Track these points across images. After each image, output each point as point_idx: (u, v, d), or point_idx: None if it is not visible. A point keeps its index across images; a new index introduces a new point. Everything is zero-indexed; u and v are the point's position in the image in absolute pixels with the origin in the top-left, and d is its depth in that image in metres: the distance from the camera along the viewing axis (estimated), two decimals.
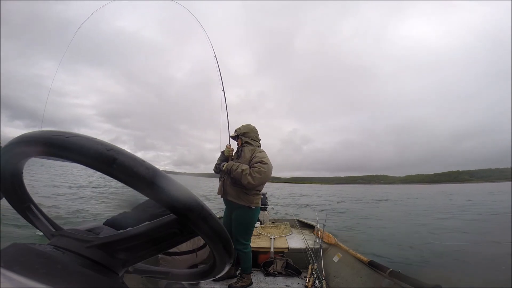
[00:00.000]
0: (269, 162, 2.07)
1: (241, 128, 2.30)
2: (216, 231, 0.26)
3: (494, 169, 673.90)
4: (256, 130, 2.34)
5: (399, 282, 1.57)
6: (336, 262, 2.40)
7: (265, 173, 2.01)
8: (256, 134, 2.31)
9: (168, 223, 0.26)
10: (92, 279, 0.26)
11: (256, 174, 1.99)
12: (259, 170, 2.00)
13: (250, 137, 2.25)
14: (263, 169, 2.00)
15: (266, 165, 2.03)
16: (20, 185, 0.30)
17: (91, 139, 0.26)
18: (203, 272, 0.37)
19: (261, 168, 2.01)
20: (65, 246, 0.26)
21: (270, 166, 2.05)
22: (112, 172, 0.26)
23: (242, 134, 2.26)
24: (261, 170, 2.00)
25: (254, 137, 2.28)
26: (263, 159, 2.05)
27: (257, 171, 2.00)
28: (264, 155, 2.11)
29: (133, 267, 0.35)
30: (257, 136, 2.32)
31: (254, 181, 1.99)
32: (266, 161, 2.05)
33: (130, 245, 0.26)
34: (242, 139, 2.27)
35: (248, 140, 2.25)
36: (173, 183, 0.26)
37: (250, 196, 2.10)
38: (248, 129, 2.28)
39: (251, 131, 2.28)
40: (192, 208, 0.26)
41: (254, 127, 2.33)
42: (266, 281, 2.34)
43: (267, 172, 2.02)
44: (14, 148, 0.26)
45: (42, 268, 0.26)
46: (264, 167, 2.02)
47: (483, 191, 41.63)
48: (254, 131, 2.31)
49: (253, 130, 2.31)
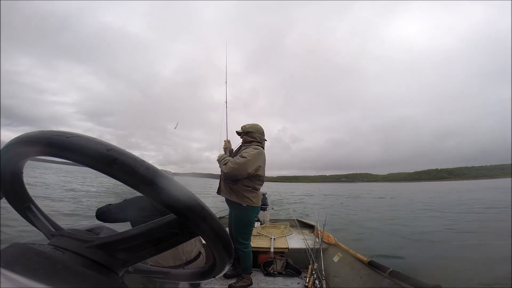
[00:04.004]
0: (251, 157, 2.04)
1: (247, 126, 2.29)
2: (216, 231, 0.26)
3: (470, 167, 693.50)
4: (263, 131, 2.33)
5: (399, 282, 1.57)
6: (336, 262, 2.40)
7: (239, 164, 2.00)
8: (261, 135, 2.29)
9: (168, 223, 0.26)
10: (92, 279, 0.26)
11: (230, 164, 2.02)
12: (234, 161, 2.02)
13: (253, 137, 2.24)
14: (238, 161, 2.01)
15: (243, 159, 2.02)
16: (20, 185, 0.30)
17: (91, 139, 0.26)
18: (203, 272, 0.37)
19: (237, 159, 2.02)
20: (65, 246, 0.26)
21: (248, 160, 2.02)
22: (112, 172, 0.26)
23: (246, 133, 2.26)
24: (236, 161, 2.01)
25: (257, 138, 2.26)
26: (243, 154, 2.06)
27: (233, 161, 2.02)
28: (250, 151, 2.08)
29: (133, 267, 0.35)
30: (262, 137, 2.30)
31: (227, 169, 2.01)
32: (246, 155, 2.04)
33: (130, 245, 0.26)
34: (244, 137, 2.27)
35: (251, 139, 2.24)
36: (173, 183, 0.26)
37: (240, 192, 2.08)
38: (253, 129, 2.27)
39: (257, 132, 2.27)
40: (192, 208, 0.26)
41: (261, 128, 2.32)
42: (266, 281, 2.34)
43: (242, 164, 2.00)
44: (14, 148, 0.26)
45: (42, 268, 0.26)
46: (240, 159, 2.02)
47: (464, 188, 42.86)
48: (260, 132, 2.30)
49: (259, 130, 2.30)
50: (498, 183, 71.98)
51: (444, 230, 7.03)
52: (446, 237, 6.31)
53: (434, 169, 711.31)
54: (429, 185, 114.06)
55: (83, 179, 28.22)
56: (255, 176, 2.12)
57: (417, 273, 1.59)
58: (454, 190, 38.03)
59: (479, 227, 7.47)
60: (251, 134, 2.25)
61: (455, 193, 29.39)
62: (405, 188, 70.83)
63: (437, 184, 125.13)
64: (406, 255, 4.53)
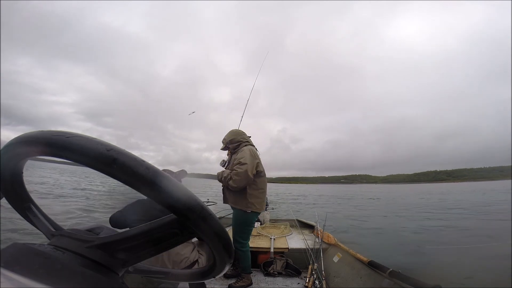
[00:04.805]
0: (248, 161, 2.01)
1: (225, 137, 2.26)
2: (216, 231, 0.26)
3: (469, 169, 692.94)
4: (241, 131, 2.29)
5: (399, 282, 1.56)
6: (336, 262, 2.40)
7: (242, 173, 1.97)
8: (242, 136, 2.25)
9: (168, 223, 0.26)
10: (92, 279, 0.26)
11: (234, 177, 1.99)
12: (236, 172, 1.99)
13: (237, 141, 2.21)
14: (240, 170, 1.98)
15: (242, 165, 1.99)
16: (20, 185, 0.30)
17: (91, 139, 0.26)
18: (203, 272, 0.37)
19: (238, 169, 1.99)
20: (65, 246, 0.26)
21: (247, 166, 1.98)
22: (112, 172, 0.26)
23: (229, 143, 2.23)
24: (238, 172, 1.98)
25: (241, 139, 2.22)
26: (240, 160, 2.03)
27: (235, 174, 2.00)
28: (243, 155, 2.05)
29: (133, 267, 0.35)
30: (244, 137, 2.26)
31: (235, 184, 1.99)
32: (244, 161, 2.00)
33: (130, 245, 0.26)
34: (230, 147, 2.24)
35: (236, 144, 2.20)
36: (173, 183, 0.26)
37: (246, 200, 2.06)
38: (232, 135, 2.24)
39: (237, 135, 2.23)
40: (192, 208, 0.26)
41: (238, 130, 2.29)
42: (266, 281, 2.34)
43: (244, 172, 1.97)
44: (14, 148, 0.26)
45: (42, 268, 0.26)
46: (240, 167, 1.99)
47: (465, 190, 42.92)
48: (239, 133, 2.26)
49: (238, 133, 2.25)
50: (495, 185, 72.03)
51: (445, 230, 7.04)
52: (446, 237, 6.31)
53: (433, 171, 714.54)
54: (425, 187, 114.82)
55: (83, 178, 28.21)
56: (256, 174, 2.09)
57: (417, 273, 1.59)
58: (450, 192, 38.14)
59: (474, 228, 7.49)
60: (233, 140, 2.22)
61: (447, 195, 29.58)
62: (401, 190, 71.28)
63: (435, 186, 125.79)
64: (405, 255, 4.54)
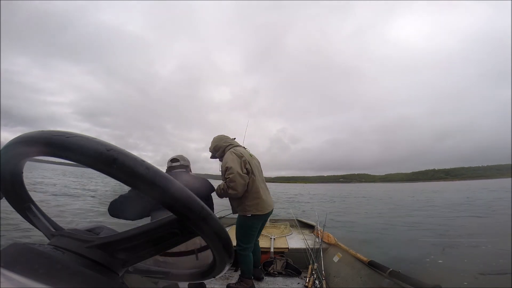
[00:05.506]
0: (232, 163, 1.94)
1: (210, 147, 2.20)
2: (216, 231, 0.26)
3: (468, 167, 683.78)
4: (223, 136, 2.21)
5: (399, 282, 1.57)
6: (336, 262, 2.40)
7: (234, 177, 1.89)
8: (224, 140, 2.17)
9: (168, 223, 0.26)
10: (92, 279, 0.26)
11: (230, 184, 1.91)
12: (229, 179, 1.91)
13: (221, 147, 2.14)
14: (231, 175, 1.90)
15: (229, 170, 1.92)
16: (20, 185, 0.30)
17: (91, 139, 0.26)
18: (203, 272, 0.37)
19: (229, 176, 1.91)
20: (65, 246, 0.26)
21: (233, 168, 1.91)
22: (112, 172, 0.26)
23: (214, 151, 2.17)
24: (230, 178, 1.90)
25: (223, 145, 2.14)
26: (226, 166, 1.95)
27: (229, 181, 1.91)
28: (226, 160, 1.98)
29: (133, 267, 0.35)
30: (227, 141, 2.18)
31: (234, 190, 1.91)
32: (228, 165, 1.93)
33: (130, 245, 0.26)
34: (218, 155, 2.17)
35: (222, 150, 2.13)
36: (173, 183, 0.26)
37: (243, 204, 2.02)
38: (215, 142, 2.17)
39: (219, 141, 2.16)
40: (192, 208, 0.26)
41: (220, 135, 2.21)
42: (266, 281, 2.34)
43: (234, 175, 1.89)
44: (14, 148, 0.26)
45: (42, 268, 0.26)
46: (230, 172, 1.91)
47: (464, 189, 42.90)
48: (221, 139, 2.18)
49: (220, 138, 2.18)
50: (490, 184, 71.97)
51: (443, 230, 7.05)
52: (446, 236, 6.32)
53: (431, 170, 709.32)
54: (422, 185, 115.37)
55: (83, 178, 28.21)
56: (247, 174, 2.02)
57: (417, 273, 1.59)
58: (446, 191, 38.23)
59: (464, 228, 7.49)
60: (217, 147, 2.15)
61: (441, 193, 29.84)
62: (397, 188, 71.41)
63: (432, 185, 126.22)
64: (407, 255, 4.54)
